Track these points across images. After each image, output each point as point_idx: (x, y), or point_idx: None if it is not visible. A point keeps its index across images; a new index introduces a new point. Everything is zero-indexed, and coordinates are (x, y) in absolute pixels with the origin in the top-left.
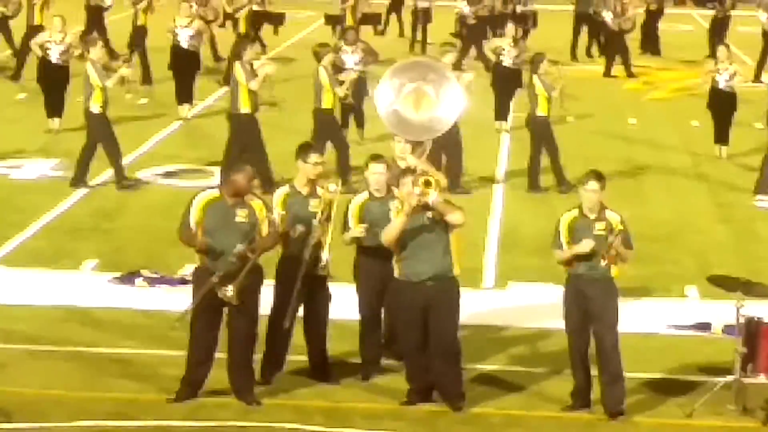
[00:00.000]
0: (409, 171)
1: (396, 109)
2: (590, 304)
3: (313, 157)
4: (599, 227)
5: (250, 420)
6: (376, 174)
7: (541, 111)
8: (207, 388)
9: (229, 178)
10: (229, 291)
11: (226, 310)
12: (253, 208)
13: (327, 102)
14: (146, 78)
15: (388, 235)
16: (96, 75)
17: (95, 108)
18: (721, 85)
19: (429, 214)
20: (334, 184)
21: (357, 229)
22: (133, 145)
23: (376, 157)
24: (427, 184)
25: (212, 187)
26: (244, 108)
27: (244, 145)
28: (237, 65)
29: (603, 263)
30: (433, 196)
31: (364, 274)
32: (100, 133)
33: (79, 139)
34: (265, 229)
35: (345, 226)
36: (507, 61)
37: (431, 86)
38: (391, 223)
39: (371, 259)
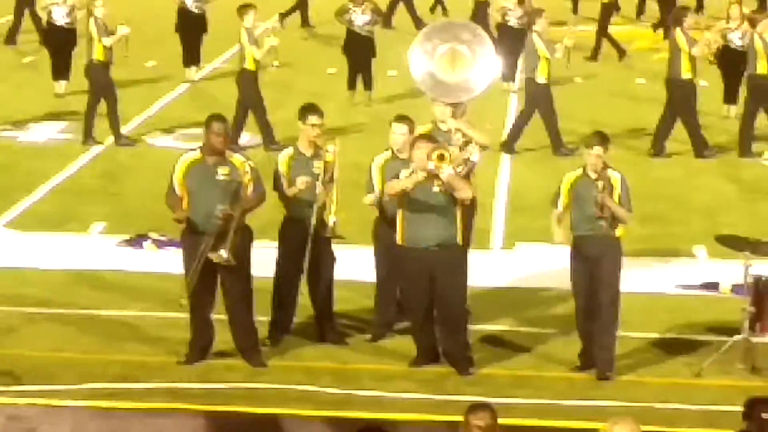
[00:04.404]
0: (424, 137)
1: (431, 72)
2: (593, 264)
3: (312, 118)
4: (600, 186)
5: (259, 382)
6: (398, 135)
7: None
8: (216, 350)
9: (204, 136)
10: (224, 253)
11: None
12: (234, 164)
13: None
14: None
15: (390, 188)
16: (543, 45)
17: (541, 79)
18: (735, 44)
19: (437, 184)
20: (333, 145)
21: (366, 199)
22: (140, 107)
23: (400, 118)
24: (441, 158)
25: (192, 149)
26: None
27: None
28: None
29: (601, 222)
30: (446, 172)
31: (382, 236)
32: (543, 104)
33: (84, 100)
34: (250, 188)
35: (369, 185)
36: (512, 21)
37: (465, 46)
38: (398, 179)
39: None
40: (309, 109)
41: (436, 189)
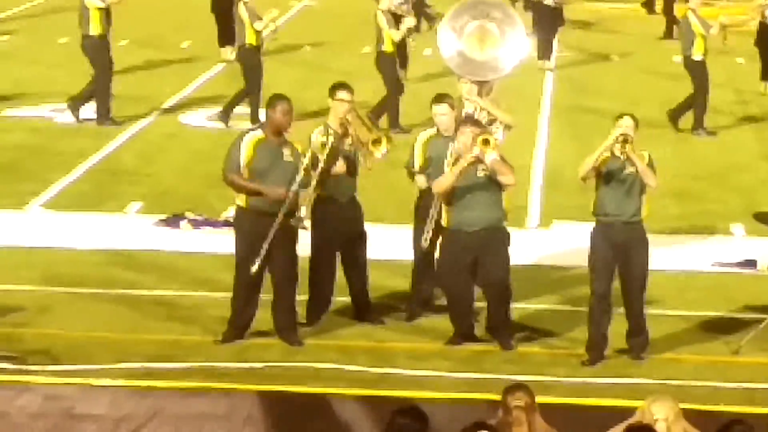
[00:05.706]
0: (470, 120)
1: (460, 50)
2: (619, 252)
3: (340, 94)
4: (630, 168)
5: (295, 360)
6: (440, 116)
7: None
8: (252, 329)
9: (267, 116)
10: (302, 213)
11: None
12: (293, 145)
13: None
14: None
15: (440, 186)
16: (698, 22)
17: (698, 56)
18: None
19: (482, 168)
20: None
21: (419, 178)
22: (175, 88)
23: (439, 99)
24: (486, 143)
25: (253, 129)
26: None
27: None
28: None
29: (618, 152)
30: (490, 156)
31: (422, 214)
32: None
33: (120, 81)
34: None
35: (411, 161)
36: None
37: (494, 24)
38: (443, 174)
39: (430, 199)
40: (338, 86)
41: (480, 174)
